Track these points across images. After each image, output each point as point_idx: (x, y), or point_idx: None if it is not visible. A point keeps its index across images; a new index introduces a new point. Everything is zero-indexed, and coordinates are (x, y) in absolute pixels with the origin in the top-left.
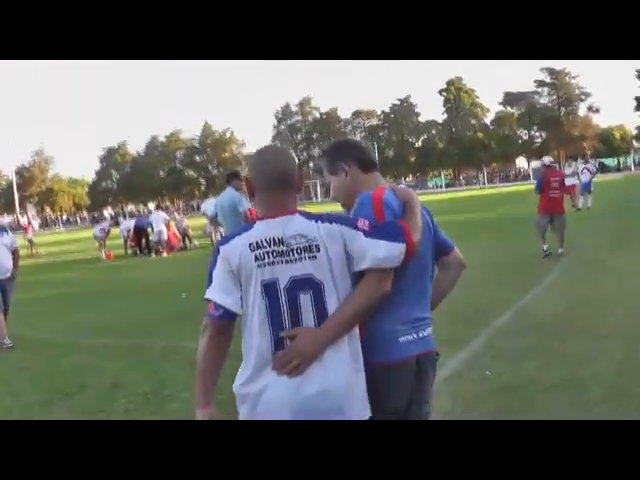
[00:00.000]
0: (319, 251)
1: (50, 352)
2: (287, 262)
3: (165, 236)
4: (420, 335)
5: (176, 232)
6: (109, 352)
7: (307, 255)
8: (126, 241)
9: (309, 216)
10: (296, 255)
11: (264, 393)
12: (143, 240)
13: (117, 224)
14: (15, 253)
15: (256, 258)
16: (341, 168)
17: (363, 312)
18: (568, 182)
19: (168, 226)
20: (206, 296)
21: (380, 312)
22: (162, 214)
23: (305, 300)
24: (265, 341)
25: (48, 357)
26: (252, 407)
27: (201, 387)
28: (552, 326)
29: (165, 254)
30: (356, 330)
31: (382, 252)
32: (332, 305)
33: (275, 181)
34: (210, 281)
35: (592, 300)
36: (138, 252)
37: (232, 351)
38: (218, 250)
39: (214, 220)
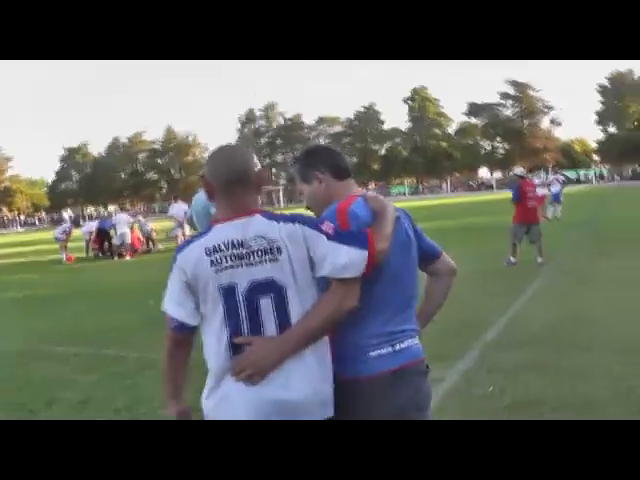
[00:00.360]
0: (280, 253)
1: (12, 361)
2: (247, 265)
3: (128, 239)
4: (397, 348)
5: (139, 235)
6: (79, 363)
7: (268, 257)
8: (88, 243)
9: (271, 216)
10: (256, 258)
11: (227, 399)
12: (105, 243)
13: (78, 225)
14: None
15: (212, 263)
16: (314, 176)
17: (325, 327)
18: (538, 192)
19: (132, 229)
20: (162, 308)
21: (348, 325)
22: (125, 216)
23: (265, 305)
24: (223, 348)
25: (10, 367)
26: (214, 415)
27: (167, 391)
28: (544, 339)
29: (128, 257)
30: (325, 338)
31: (343, 259)
32: (295, 311)
33: (234, 179)
34: (167, 291)
35: (579, 312)
36: (100, 255)
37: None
38: (175, 257)
39: (190, 222)
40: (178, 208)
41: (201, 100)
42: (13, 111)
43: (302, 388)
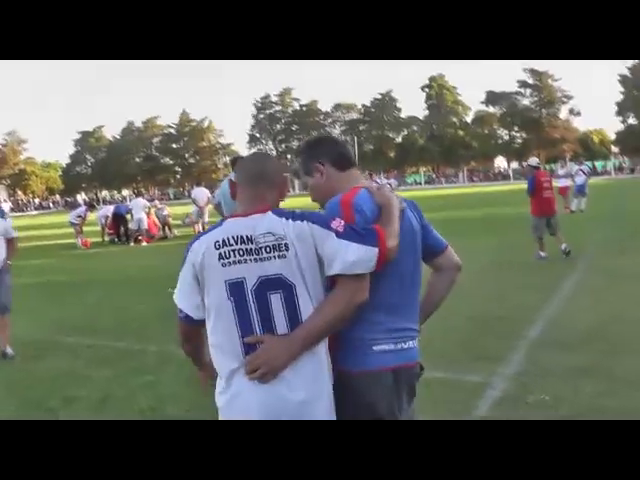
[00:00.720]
0: (288, 250)
1: (26, 354)
2: (255, 261)
3: (145, 224)
4: (400, 347)
5: (156, 221)
6: (94, 356)
7: (276, 254)
8: (103, 228)
9: (281, 213)
10: (265, 254)
11: (237, 398)
12: (122, 228)
13: (93, 209)
14: (11, 242)
15: (220, 257)
16: (315, 168)
17: (336, 323)
18: (561, 183)
19: (148, 214)
20: (174, 298)
21: (354, 319)
22: (142, 201)
23: (276, 301)
24: (234, 346)
25: (24, 360)
26: (228, 412)
27: (190, 359)
28: (592, 340)
29: (145, 243)
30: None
31: (352, 255)
32: (305, 308)
33: (253, 177)
34: (178, 281)
35: (620, 312)
36: (116, 240)
37: None
38: (187, 249)
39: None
40: (200, 192)
41: (215, 85)
42: (26, 93)
43: (315, 386)
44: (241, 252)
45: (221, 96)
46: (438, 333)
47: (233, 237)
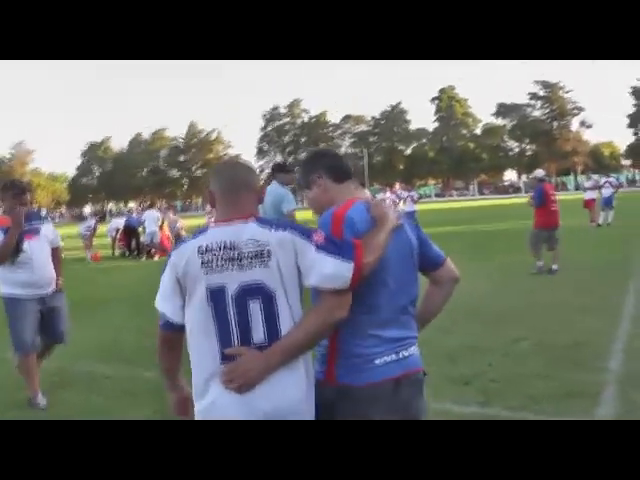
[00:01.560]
0: (270, 259)
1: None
2: (238, 268)
3: (157, 238)
4: (401, 355)
5: (169, 234)
6: (116, 388)
7: (258, 262)
8: (114, 241)
9: (264, 222)
10: (247, 261)
11: (213, 406)
12: (133, 241)
13: (103, 220)
14: (57, 253)
15: (203, 263)
16: (313, 181)
17: (314, 338)
18: (588, 196)
19: (161, 227)
20: (155, 304)
21: (355, 334)
22: (156, 214)
23: (255, 309)
24: (212, 351)
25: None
26: (205, 418)
27: (165, 384)
28: None
29: (157, 257)
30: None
31: (328, 269)
32: (284, 317)
33: (231, 184)
34: (160, 288)
35: None
36: (127, 254)
37: None
38: (170, 254)
39: None
40: None
41: (224, 98)
42: (36, 103)
43: (291, 399)
44: (224, 259)
45: (231, 106)
46: (510, 361)
47: (216, 243)
